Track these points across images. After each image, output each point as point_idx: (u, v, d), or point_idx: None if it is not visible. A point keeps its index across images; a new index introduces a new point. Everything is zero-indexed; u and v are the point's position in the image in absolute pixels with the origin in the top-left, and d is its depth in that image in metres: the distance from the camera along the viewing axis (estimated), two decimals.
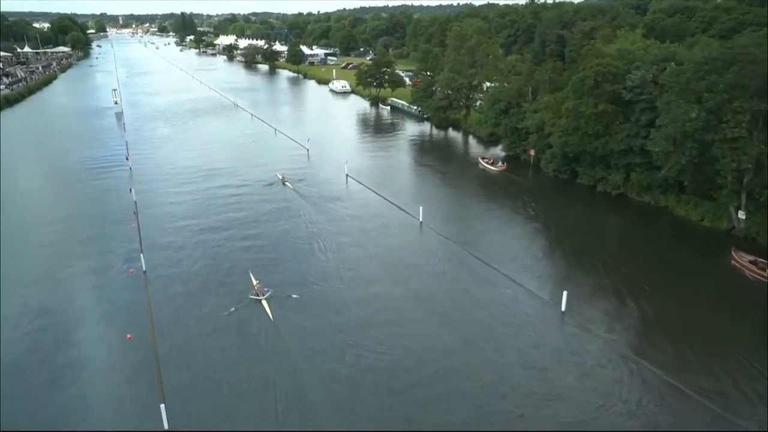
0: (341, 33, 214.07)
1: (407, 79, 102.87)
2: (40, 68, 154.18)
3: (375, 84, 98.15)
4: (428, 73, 78.73)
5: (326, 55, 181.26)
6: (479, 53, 68.25)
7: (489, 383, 23.75)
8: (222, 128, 79.44)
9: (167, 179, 53.40)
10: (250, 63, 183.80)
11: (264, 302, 29.75)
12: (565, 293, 28.59)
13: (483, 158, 60.19)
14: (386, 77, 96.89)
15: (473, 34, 67.69)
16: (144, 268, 33.32)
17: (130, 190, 46.68)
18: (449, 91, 71.85)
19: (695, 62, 35.55)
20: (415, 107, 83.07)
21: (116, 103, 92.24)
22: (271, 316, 28.73)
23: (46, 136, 75.67)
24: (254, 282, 31.47)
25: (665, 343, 26.11)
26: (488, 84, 72.42)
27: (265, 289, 30.78)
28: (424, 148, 69.88)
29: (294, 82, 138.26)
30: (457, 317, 28.70)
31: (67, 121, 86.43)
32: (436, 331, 27.64)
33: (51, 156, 64.40)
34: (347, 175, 53.44)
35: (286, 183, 51.61)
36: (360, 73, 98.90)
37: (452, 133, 76.20)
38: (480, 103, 73.70)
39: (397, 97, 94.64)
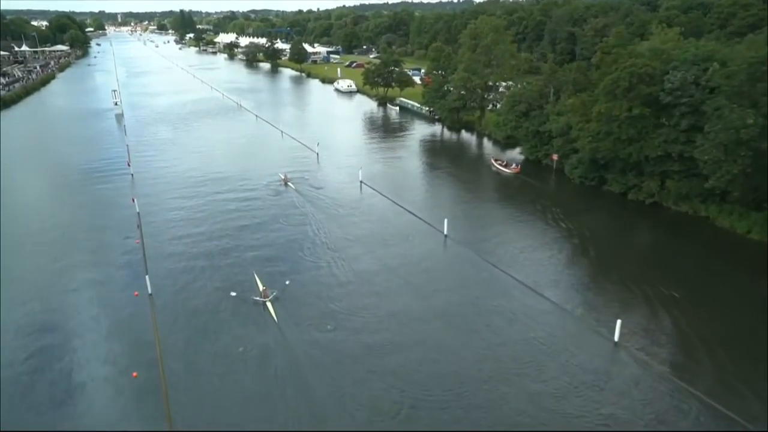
0: (343, 31, 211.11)
1: (417, 79, 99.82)
2: (38, 67, 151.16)
3: (383, 83, 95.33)
4: (440, 72, 75.73)
5: (328, 53, 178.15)
6: (495, 52, 65.23)
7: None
8: (226, 131, 76.44)
9: (170, 186, 50.44)
10: (251, 61, 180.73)
11: (269, 304, 29.17)
12: (618, 322, 25.68)
13: (496, 160, 57.96)
14: (394, 76, 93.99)
15: (489, 32, 64.70)
16: (150, 291, 30.45)
17: (133, 200, 43.80)
18: (463, 92, 68.85)
19: (749, 63, 32.62)
20: (426, 108, 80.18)
21: (116, 104, 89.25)
22: (275, 318, 28.03)
23: (44, 139, 72.67)
24: (260, 285, 30.76)
25: (728, 377, 23.42)
26: (504, 84, 69.68)
27: (270, 291, 30.14)
28: (437, 151, 67.03)
29: (297, 81, 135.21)
30: (499, 347, 25.86)
31: (66, 123, 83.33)
32: (475, 361, 24.82)
33: (49, 161, 61.33)
34: (361, 182, 50.62)
35: (289, 183, 50.05)
36: (367, 72, 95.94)
37: (465, 135, 73.27)
38: (495, 105, 71.03)
39: (405, 97, 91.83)
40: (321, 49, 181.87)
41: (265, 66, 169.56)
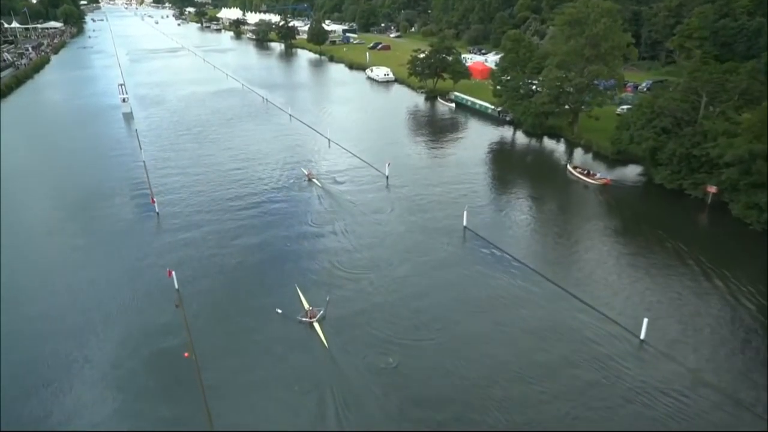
0: (359, 7, 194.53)
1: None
2: (30, 49, 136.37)
3: (431, 74, 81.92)
4: (519, 68, 61.96)
5: (344, 31, 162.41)
6: (606, 44, 51.57)
7: None
8: (260, 139, 62.08)
9: (213, 237, 37.31)
10: (262, 41, 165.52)
11: (316, 325, 26.78)
12: None
13: (575, 167, 48.46)
14: (447, 67, 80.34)
15: (600, 17, 50.94)
16: None
17: (170, 274, 30.81)
18: (555, 92, 55.24)
19: None
20: (496, 107, 66.97)
21: (124, 100, 75.52)
22: (325, 342, 25.50)
23: (38, 153, 58.86)
24: (305, 303, 28.29)
25: None
26: (605, 82, 56.39)
27: (317, 309, 27.59)
28: (532, 170, 52.98)
29: (320, 67, 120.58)
30: None
31: (65, 127, 69.44)
32: None
33: (41, 197, 46.12)
34: (465, 228, 37.93)
35: (313, 180, 47.01)
36: (414, 60, 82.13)
37: (549, 143, 60.05)
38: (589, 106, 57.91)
39: (458, 91, 78.69)
40: (336, 27, 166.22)
41: (278, 47, 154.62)
